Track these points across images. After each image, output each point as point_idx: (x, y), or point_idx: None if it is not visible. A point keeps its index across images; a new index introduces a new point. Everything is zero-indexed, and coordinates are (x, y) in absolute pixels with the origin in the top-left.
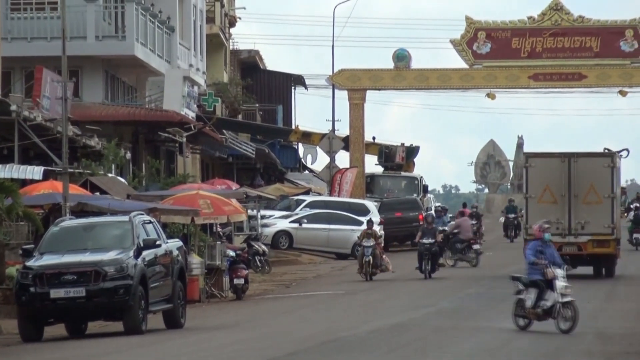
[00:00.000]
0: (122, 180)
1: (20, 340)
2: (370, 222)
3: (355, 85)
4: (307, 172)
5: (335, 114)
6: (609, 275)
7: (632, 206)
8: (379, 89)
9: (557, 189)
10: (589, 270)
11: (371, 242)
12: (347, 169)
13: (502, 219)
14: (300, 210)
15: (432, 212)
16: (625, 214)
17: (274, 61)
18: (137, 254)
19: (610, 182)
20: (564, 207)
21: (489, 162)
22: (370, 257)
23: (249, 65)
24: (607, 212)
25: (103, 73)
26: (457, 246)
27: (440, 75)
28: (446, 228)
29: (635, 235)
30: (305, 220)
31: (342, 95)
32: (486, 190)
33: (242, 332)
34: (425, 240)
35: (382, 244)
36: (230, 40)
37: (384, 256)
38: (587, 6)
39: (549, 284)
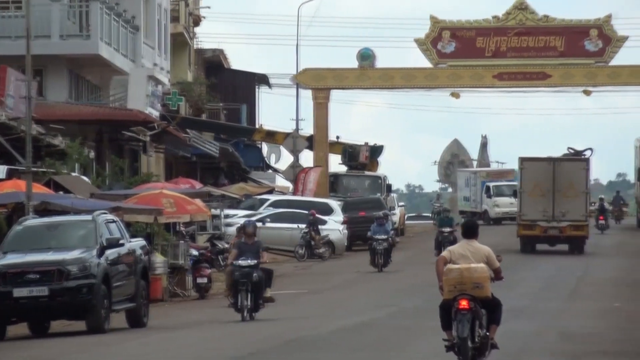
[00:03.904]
0: (86, 179)
1: None
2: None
3: (319, 84)
4: (270, 171)
5: (299, 113)
6: (580, 252)
7: (599, 197)
8: (344, 88)
9: (544, 185)
10: (564, 247)
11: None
12: (311, 168)
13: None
14: (264, 209)
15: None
16: (593, 204)
17: (239, 60)
18: (100, 253)
19: (585, 181)
20: (549, 200)
21: (453, 161)
22: None
23: (213, 65)
24: (582, 204)
25: (67, 72)
26: None
27: (405, 75)
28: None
29: (600, 222)
30: (269, 220)
31: (307, 95)
32: (450, 190)
33: (205, 331)
34: (242, 262)
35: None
36: (195, 40)
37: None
38: (552, 6)
39: None
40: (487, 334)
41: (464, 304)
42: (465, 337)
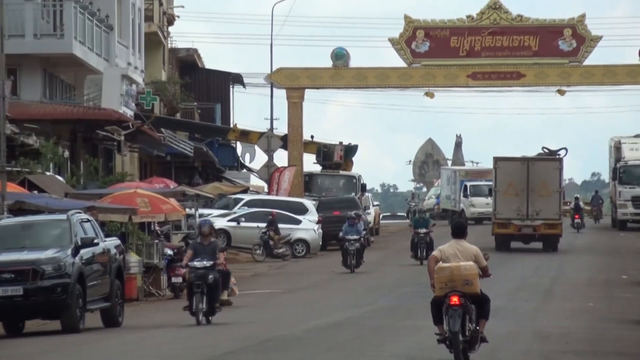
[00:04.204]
0: (60, 178)
1: None
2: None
3: (293, 83)
4: (245, 170)
5: (273, 113)
6: (554, 250)
7: (574, 196)
8: (318, 88)
9: (519, 184)
10: (538, 245)
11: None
12: (285, 167)
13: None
14: (238, 209)
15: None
16: (568, 203)
17: (213, 60)
18: (75, 252)
19: (558, 180)
20: (524, 198)
21: (427, 160)
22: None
23: (187, 64)
24: (556, 202)
25: (41, 71)
26: None
27: (379, 74)
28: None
29: (576, 221)
30: (243, 219)
31: (281, 94)
32: (424, 189)
33: (180, 331)
34: (197, 263)
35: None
36: (169, 39)
37: (231, 278)
38: (526, 5)
39: None
40: (477, 328)
41: (454, 300)
42: (456, 331)
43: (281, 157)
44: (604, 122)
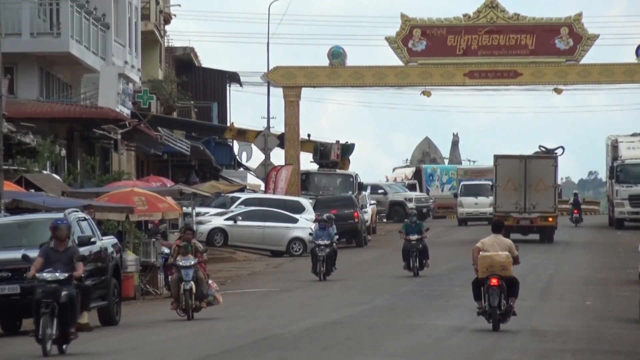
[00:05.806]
0: (57, 177)
1: None
2: (187, 230)
3: (290, 82)
4: (242, 169)
5: (270, 111)
6: (550, 241)
7: (573, 192)
8: (314, 86)
9: (517, 180)
10: (535, 237)
11: (191, 261)
12: (282, 166)
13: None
14: (235, 207)
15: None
16: (568, 200)
17: (210, 58)
18: None
19: (553, 176)
20: (522, 193)
21: (424, 159)
22: (192, 283)
23: (184, 63)
24: (551, 197)
25: (38, 70)
26: None
27: (376, 73)
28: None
29: (574, 215)
30: (240, 218)
31: (277, 93)
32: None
33: (177, 329)
34: (47, 275)
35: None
36: (165, 37)
37: (210, 281)
38: (523, 4)
39: None
40: (511, 304)
41: (494, 281)
42: (495, 306)
43: (278, 156)
44: (601, 121)
